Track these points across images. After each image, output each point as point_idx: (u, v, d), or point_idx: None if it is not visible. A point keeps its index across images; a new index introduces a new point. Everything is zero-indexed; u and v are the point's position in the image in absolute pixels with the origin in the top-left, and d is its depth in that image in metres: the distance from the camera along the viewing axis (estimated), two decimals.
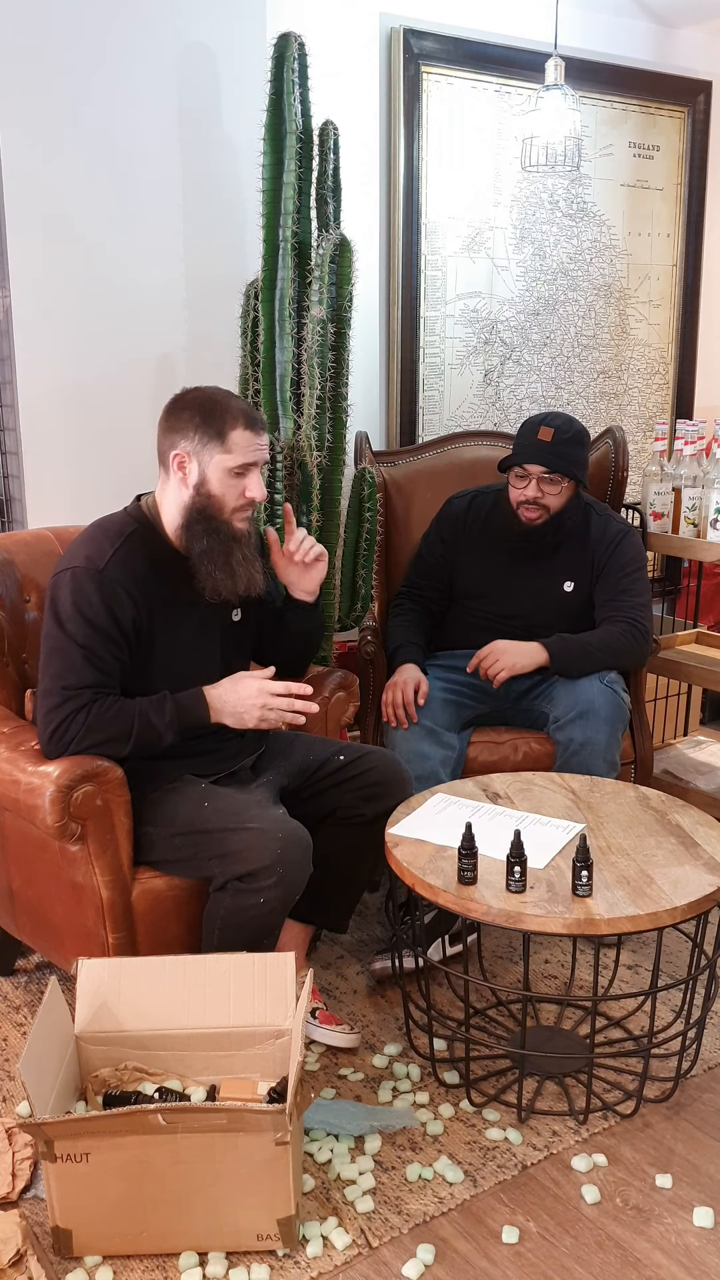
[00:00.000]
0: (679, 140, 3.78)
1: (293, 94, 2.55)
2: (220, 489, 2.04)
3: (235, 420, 2.03)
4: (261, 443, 2.07)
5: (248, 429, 2.04)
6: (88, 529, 2.11)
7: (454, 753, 2.57)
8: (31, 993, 2.41)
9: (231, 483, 2.04)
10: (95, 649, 1.98)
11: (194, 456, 2.04)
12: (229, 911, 1.95)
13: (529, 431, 2.63)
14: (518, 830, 1.86)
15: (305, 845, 1.96)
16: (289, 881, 1.93)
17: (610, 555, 2.69)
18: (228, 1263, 1.67)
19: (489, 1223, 1.76)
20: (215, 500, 2.05)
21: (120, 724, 1.98)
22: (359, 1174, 1.84)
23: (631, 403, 3.86)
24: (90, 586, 1.98)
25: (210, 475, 2.04)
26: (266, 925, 1.97)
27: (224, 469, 2.03)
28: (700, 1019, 2.04)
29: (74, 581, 1.99)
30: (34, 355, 2.68)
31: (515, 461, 2.63)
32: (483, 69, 3.26)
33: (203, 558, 2.05)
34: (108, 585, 1.99)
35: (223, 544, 2.06)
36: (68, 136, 2.63)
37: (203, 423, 2.03)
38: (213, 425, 2.03)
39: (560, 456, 2.59)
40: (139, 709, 1.99)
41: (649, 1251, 1.70)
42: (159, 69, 2.72)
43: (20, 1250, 1.64)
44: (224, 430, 2.03)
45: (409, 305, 3.27)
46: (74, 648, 1.98)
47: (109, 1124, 1.61)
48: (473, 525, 2.78)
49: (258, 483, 2.07)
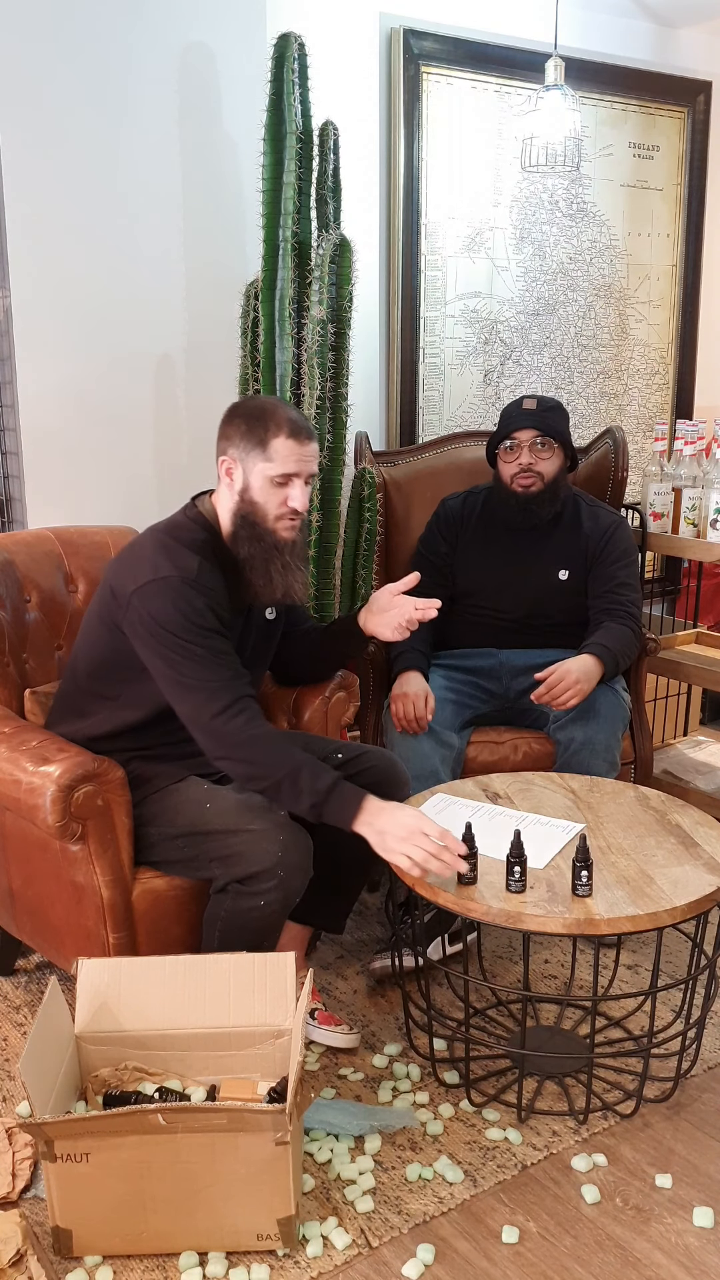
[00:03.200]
0: (679, 140, 3.78)
1: (293, 94, 2.55)
2: (262, 497, 2.05)
3: (279, 429, 2.03)
4: (307, 453, 2.06)
5: (291, 438, 2.03)
6: (156, 537, 2.08)
7: (454, 752, 2.57)
8: (31, 993, 2.41)
9: (273, 491, 2.05)
10: (215, 648, 1.99)
11: (239, 463, 2.05)
12: (229, 913, 1.95)
13: (513, 406, 2.71)
14: (518, 830, 1.86)
15: (306, 848, 1.96)
16: (289, 884, 1.93)
17: (605, 545, 2.71)
18: (228, 1263, 1.67)
19: (489, 1223, 1.76)
20: (258, 508, 2.05)
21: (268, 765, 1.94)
22: (359, 1174, 1.84)
23: (631, 403, 3.86)
24: (190, 594, 1.98)
25: (253, 482, 2.05)
26: (267, 927, 1.97)
27: (265, 477, 2.04)
28: (700, 1019, 2.04)
29: (170, 592, 1.98)
30: (34, 355, 2.68)
31: (505, 431, 2.69)
32: (483, 69, 3.26)
33: (246, 563, 2.07)
34: (206, 591, 2.00)
35: (264, 551, 2.06)
36: (68, 136, 2.63)
37: (248, 430, 2.04)
38: (256, 433, 2.04)
39: (547, 422, 2.66)
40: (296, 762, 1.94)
41: (649, 1251, 1.70)
42: (159, 69, 2.72)
43: (20, 1250, 1.64)
44: (266, 438, 2.03)
45: (409, 305, 3.27)
46: (197, 653, 1.97)
47: (109, 1124, 1.61)
48: (469, 521, 2.80)
49: (301, 493, 2.06)
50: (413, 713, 2.54)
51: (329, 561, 2.73)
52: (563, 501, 2.72)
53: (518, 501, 2.68)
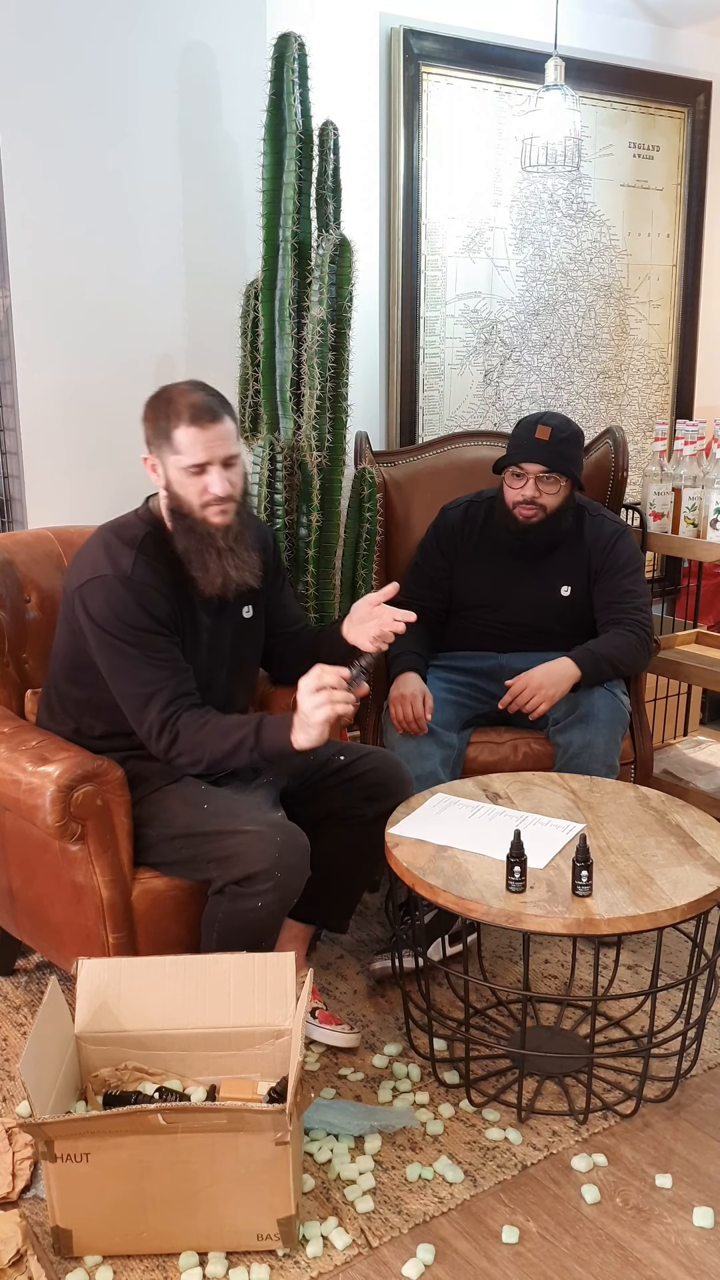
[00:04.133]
0: (679, 140, 3.78)
1: (293, 94, 2.55)
2: (182, 489, 2.03)
3: (179, 418, 1.99)
4: (213, 438, 2.00)
5: (192, 425, 1.98)
6: (102, 534, 2.09)
7: (454, 752, 2.57)
8: (31, 993, 2.41)
9: (190, 481, 2.02)
10: (149, 648, 1.99)
11: (158, 458, 2.04)
12: (227, 915, 1.95)
13: (525, 430, 2.61)
14: (518, 830, 1.86)
15: (303, 849, 1.96)
16: (286, 885, 1.93)
17: (608, 556, 2.68)
18: (228, 1263, 1.67)
19: (489, 1223, 1.76)
20: (182, 500, 2.04)
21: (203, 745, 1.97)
22: (359, 1174, 1.84)
23: (631, 403, 3.86)
24: (122, 593, 1.99)
25: (171, 476, 2.03)
26: (264, 928, 1.97)
27: (179, 469, 2.01)
28: (700, 1019, 2.04)
29: (106, 590, 1.99)
30: (34, 355, 2.68)
31: (512, 460, 2.62)
32: (483, 69, 3.26)
33: (184, 556, 2.06)
34: (138, 588, 2.00)
35: (198, 541, 2.04)
36: (68, 136, 2.63)
37: (154, 423, 2.03)
38: (161, 426, 2.02)
39: (558, 455, 2.58)
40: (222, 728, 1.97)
41: (649, 1251, 1.70)
42: (159, 69, 2.72)
43: (20, 1250, 1.64)
44: (169, 430, 2.00)
45: (409, 305, 3.27)
46: (130, 653, 1.98)
47: (109, 1124, 1.61)
48: (470, 535, 2.76)
49: (218, 479, 2.01)
50: (412, 714, 2.53)
51: (329, 561, 2.73)
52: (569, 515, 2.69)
53: (517, 526, 2.65)
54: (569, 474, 2.59)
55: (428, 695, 2.57)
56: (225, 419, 2.03)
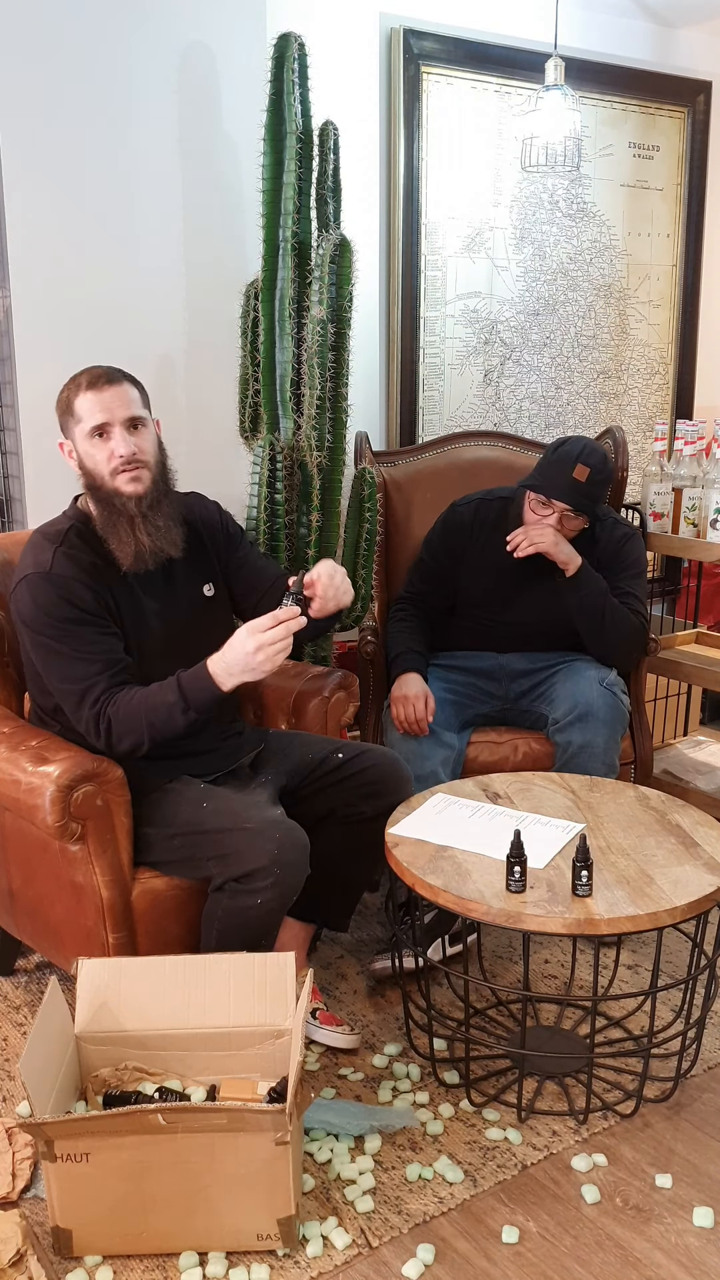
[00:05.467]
0: (679, 140, 3.78)
1: (293, 94, 2.55)
2: (90, 460, 2.03)
3: (78, 387, 2.01)
4: (110, 398, 2.00)
5: (89, 389, 2.00)
6: (31, 537, 2.10)
7: (454, 752, 2.57)
8: (31, 993, 2.41)
9: (96, 447, 2.02)
10: (75, 642, 1.98)
11: (68, 437, 2.05)
12: (226, 912, 1.95)
13: (564, 464, 2.54)
14: (518, 830, 1.86)
15: (302, 846, 1.96)
16: (285, 882, 1.93)
17: (614, 557, 2.68)
18: (228, 1262, 1.67)
19: (489, 1222, 1.76)
20: (94, 474, 2.04)
21: (135, 719, 1.95)
22: (359, 1174, 1.84)
23: (631, 403, 3.86)
24: (45, 588, 1.98)
25: (80, 449, 2.04)
26: (264, 926, 1.97)
27: (84, 438, 2.02)
28: (700, 1019, 2.04)
29: (29, 589, 1.99)
30: (34, 355, 2.68)
31: (544, 493, 2.57)
32: (483, 69, 3.27)
33: (104, 532, 2.04)
34: (59, 581, 1.99)
35: (111, 512, 2.04)
36: (68, 136, 2.63)
37: (59, 403, 2.06)
38: (63, 402, 2.04)
39: (590, 498, 2.56)
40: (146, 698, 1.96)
41: (649, 1251, 1.70)
42: (159, 69, 2.72)
43: (20, 1250, 1.64)
44: (70, 402, 2.02)
45: (409, 305, 3.27)
46: (62, 651, 1.98)
47: (109, 1124, 1.61)
48: (478, 535, 2.75)
49: (123, 439, 2.01)
50: (413, 714, 2.53)
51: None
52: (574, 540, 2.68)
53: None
54: (592, 514, 2.60)
55: (429, 696, 2.57)
56: (124, 383, 2.04)
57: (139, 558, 2.04)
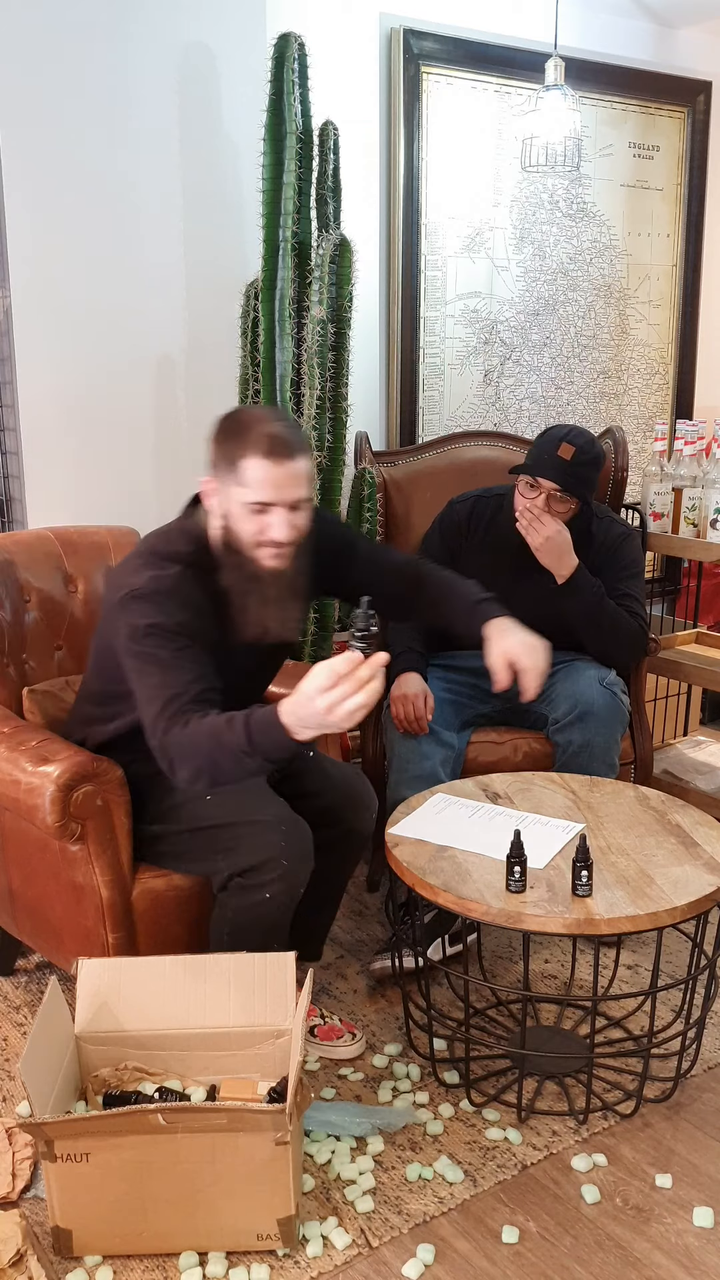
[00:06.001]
0: (679, 140, 3.78)
1: (293, 94, 2.55)
2: (239, 524, 1.85)
3: (254, 448, 1.80)
4: (285, 477, 1.81)
5: (266, 458, 1.80)
6: (144, 549, 1.95)
7: (454, 752, 2.57)
8: (31, 993, 2.41)
9: (250, 519, 1.84)
10: (177, 651, 1.82)
11: (219, 484, 1.87)
12: (236, 912, 1.95)
13: (550, 444, 2.56)
14: (518, 830, 1.86)
15: (307, 838, 1.96)
16: (293, 873, 1.92)
17: (611, 557, 2.68)
18: (228, 1262, 1.67)
19: (489, 1222, 1.76)
20: (236, 536, 1.86)
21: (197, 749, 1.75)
22: (359, 1174, 1.84)
23: (631, 403, 3.86)
24: (161, 602, 1.83)
25: (231, 509, 1.85)
26: (276, 921, 1.96)
27: (241, 503, 1.83)
28: (700, 1019, 2.04)
29: (143, 601, 1.84)
30: (34, 355, 2.68)
31: (529, 472, 2.58)
32: (483, 69, 3.27)
33: (227, 593, 1.90)
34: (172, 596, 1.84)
35: (243, 582, 1.88)
36: (68, 137, 2.63)
37: (223, 448, 1.85)
38: (230, 452, 1.83)
39: (576, 478, 2.55)
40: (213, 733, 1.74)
41: (649, 1251, 1.70)
42: (159, 69, 2.72)
43: (20, 1250, 1.64)
44: (236, 460, 1.82)
45: (409, 305, 3.27)
46: (157, 661, 1.81)
47: (109, 1124, 1.61)
48: (475, 531, 2.75)
49: (282, 522, 1.82)
50: (413, 713, 2.53)
51: None
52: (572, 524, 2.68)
53: (520, 536, 2.65)
54: (582, 497, 2.59)
55: (429, 695, 2.57)
56: (301, 457, 1.85)
57: (261, 638, 1.92)
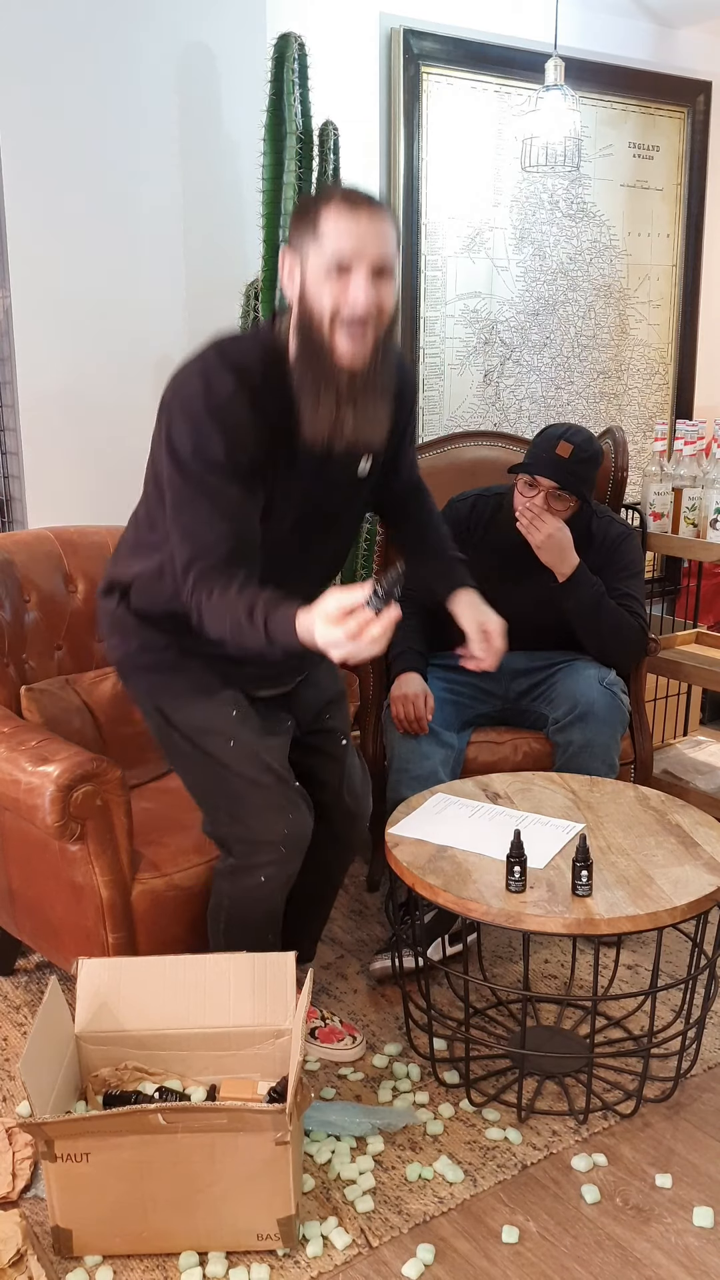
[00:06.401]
0: (679, 140, 3.78)
1: (293, 94, 2.56)
2: (315, 294, 1.63)
3: (329, 199, 1.61)
4: (366, 227, 1.59)
5: (345, 203, 1.59)
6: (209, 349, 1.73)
7: (454, 752, 2.57)
8: (31, 993, 2.41)
9: (327, 284, 1.62)
10: (223, 494, 1.68)
11: (296, 254, 1.66)
12: (233, 899, 1.96)
13: (548, 443, 2.57)
14: (518, 830, 1.86)
15: (307, 828, 1.96)
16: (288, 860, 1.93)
17: (611, 556, 2.68)
18: (228, 1262, 1.67)
19: (489, 1222, 1.76)
20: (313, 312, 1.64)
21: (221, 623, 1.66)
22: (359, 1174, 1.84)
23: (631, 403, 3.86)
24: (211, 426, 1.66)
25: (309, 276, 1.63)
26: (270, 905, 1.97)
27: (318, 265, 1.61)
28: (700, 1019, 2.04)
29: (192, 417, 1.67)
30: (34, 355, 2.68)
31: (528, 471, 2.59)
32: (483, 69, 3.27)
33: (299, 391, 1.69)
34: (230, 424, 1.67)
35: (317, 375, 1.66)
36: (68, 136, 2.63)
37: (301, 212, 1.65)
38: (308, 211, 1.63)
39: (574, 475, 2.56)
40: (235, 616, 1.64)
41: (649, 1251, 1.70)
42: (159, 69, 2.72)
43: (20, 1250, 1.64)
44: (313, 214, 1.61)
45: (409, 305, 3.27)
46: (200, 497, 1.68)
47: (109, 1124, 1.61)
48: (475, 530, 2.75)
49: (363, 285, 1.60)
50: (413, 713, 2.53)
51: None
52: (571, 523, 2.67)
53: (519, 535, 2.64)
54: (580, 494, 2.59)
55: (429, 695, 2.57)
56: (384, 214, 1.64)
57: (332, 437, 1.70)
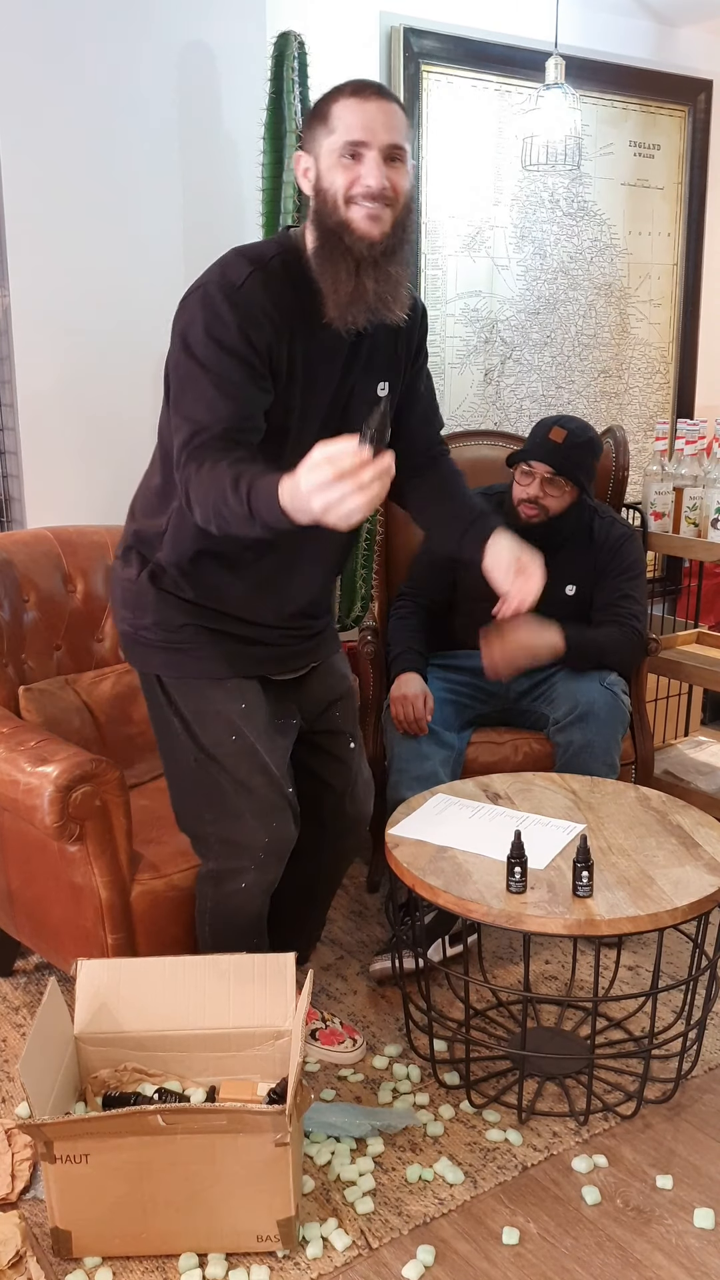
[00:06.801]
0: (679, 139, 3.77)
1: (293, 93, 2.55)
2: (329, 179, 1.67)
3: (339, 92, 1.68)
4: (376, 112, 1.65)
5: (354, 95, 1.66)
6: (227, 253, 1.77)
7: (454, 753, 2.57)
8: (31, 993, 2.40)
9: (340, 169, 1.65)
10: (228, 376, 1.65)
11: (311, 152, 1.70)
12: (215, 905, 1.97)
13: (542, 430, 2.62)
14: (518, 830, 1.86)
15: (290, 839, 1.96)
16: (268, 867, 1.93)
17: (613, 558, 2.68)
18: (227, 1264, 1.66)
19: (489, 1224, 1.75)
20: (327, 194, 1.67)
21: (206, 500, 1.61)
22: (359, 1175, 1.84)
23: (632, 402, 3.85)
24: (224, 306, 1.66)
25: (322, 165, 1.68)
26: (253, 910, 1.97)
27: (331, 154, 1.66)
28: (701, 1020, 2.04)
29: (205, 301, 1.68)
30: (34, 355, 2.67)
31: (522, 458, 2.62)
32: (483, 68, 3.26)
33: (318, 269, 1.70)
34: (243, 305, 1.67)
35: (335, 249, 1.67)
36: (67, 136, 2.62)
37: (314, 111, 1.72)
38: (320, 107, 1.70)
39: (568, 460, 2.57)
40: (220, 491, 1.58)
41: (649, 1252, 1.69)
42: (159, 69, 2.72)
43: (20, 1251, 1.64)
44: (328, 106, 1.68)
45: None
46: (204, 376, 1.66)
47: (109, 1125, 1.61)
48: None
49: (374, 166, 1.64)
50: (412, 714, 2.53)
51: None
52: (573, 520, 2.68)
53: (519, 524, 2.64)
54: (575, 480, 2.59)
55: (429, 696, 2.57)
56: (394, 102, 1.69)
57: (354, 304, 1.68)
